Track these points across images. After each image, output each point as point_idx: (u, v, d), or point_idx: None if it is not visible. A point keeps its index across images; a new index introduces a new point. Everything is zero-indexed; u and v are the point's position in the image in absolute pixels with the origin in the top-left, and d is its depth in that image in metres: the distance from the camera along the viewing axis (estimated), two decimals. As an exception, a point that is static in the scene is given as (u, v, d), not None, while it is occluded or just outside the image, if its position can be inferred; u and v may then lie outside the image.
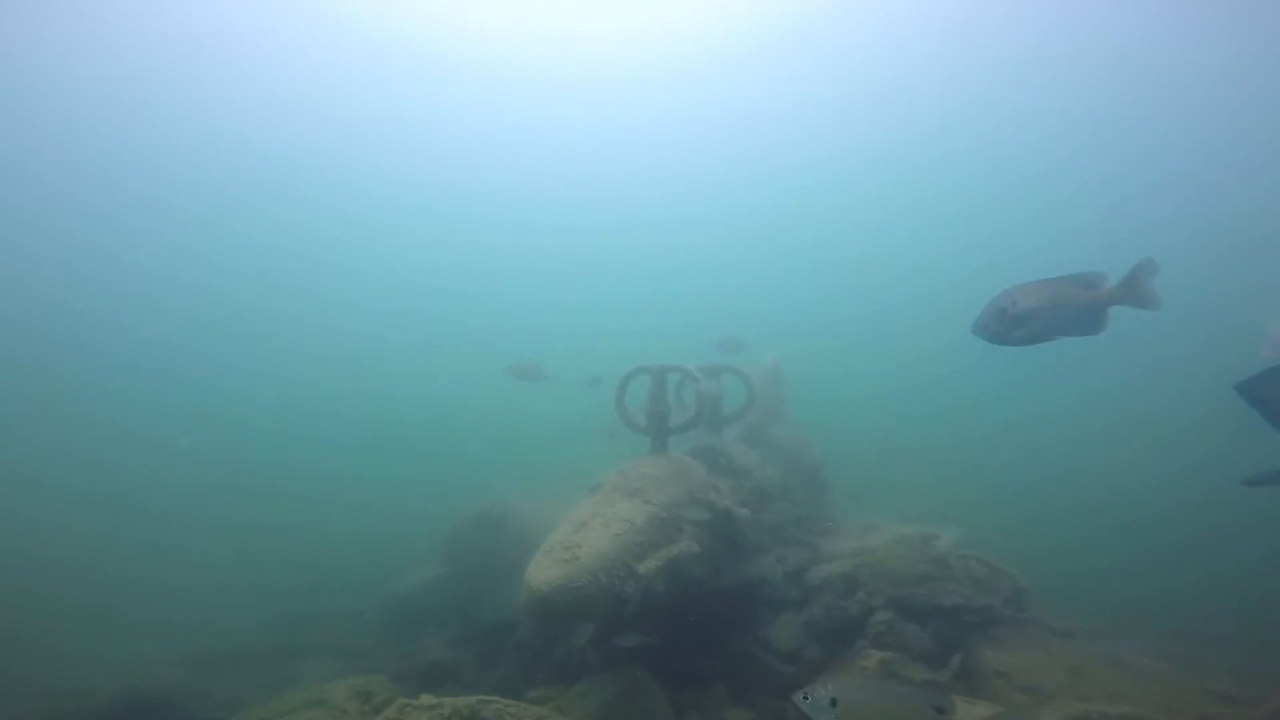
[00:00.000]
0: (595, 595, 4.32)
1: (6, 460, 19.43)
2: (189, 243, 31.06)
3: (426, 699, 3.66)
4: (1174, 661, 3.97)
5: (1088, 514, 11.54)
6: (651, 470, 5.13)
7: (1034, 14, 21.42)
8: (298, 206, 32.48)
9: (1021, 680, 3.73)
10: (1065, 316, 3.21)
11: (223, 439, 24.18)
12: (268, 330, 31.76)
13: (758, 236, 32.77)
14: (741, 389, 6.53)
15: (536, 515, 8.85)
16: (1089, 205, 26.61)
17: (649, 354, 5.70)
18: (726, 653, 5.14)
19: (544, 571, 4.42)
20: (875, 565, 4.82)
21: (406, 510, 14.56)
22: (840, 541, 6.08)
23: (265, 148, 29.80)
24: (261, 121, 28.34)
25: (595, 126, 30.69)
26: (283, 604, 11.44)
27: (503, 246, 34.94)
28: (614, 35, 25.19)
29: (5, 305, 27.81)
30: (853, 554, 5.10)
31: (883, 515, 7.38)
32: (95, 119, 27.09)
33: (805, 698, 2.22)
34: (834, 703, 2.12)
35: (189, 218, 30.59)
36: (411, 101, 29.11)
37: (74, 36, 23.38)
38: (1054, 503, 12.58)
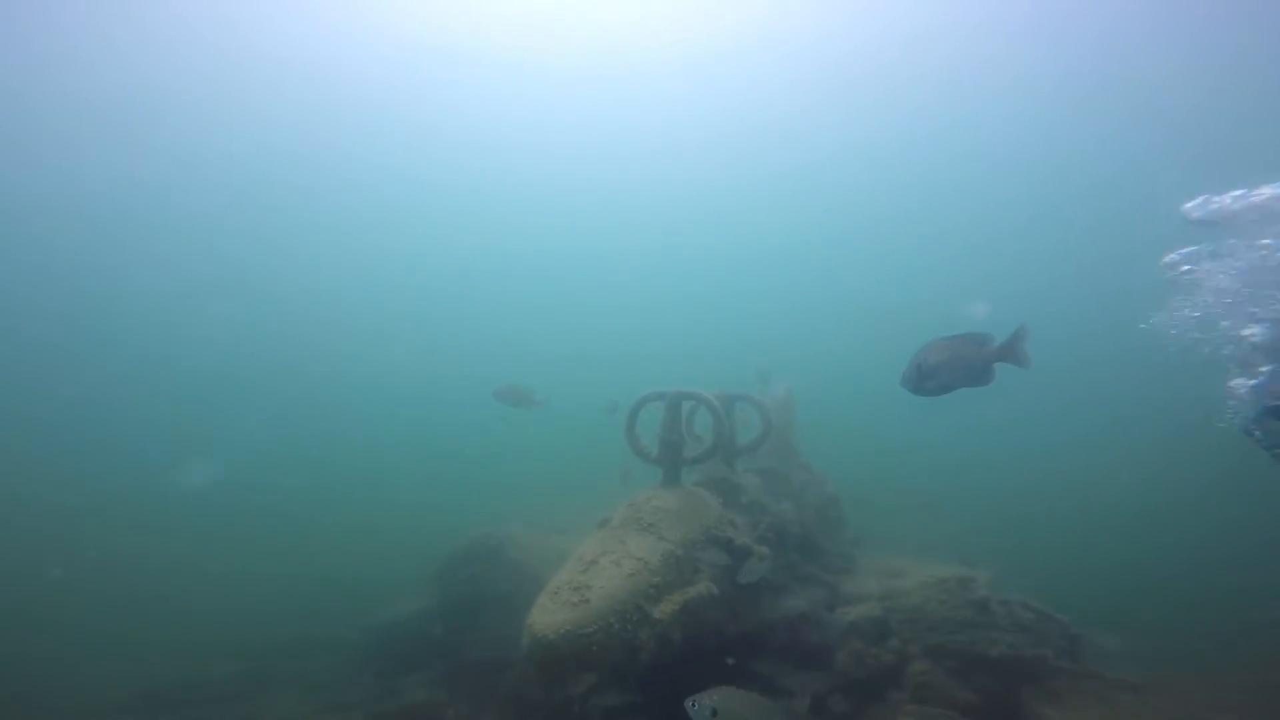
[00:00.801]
0: (606, 643, 3.90)
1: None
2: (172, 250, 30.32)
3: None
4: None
5: (1103, 547, 11.20)
6: (665, 504, 4.74)
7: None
8: (294, 207, 31.70)
9: (1092, 746, 3.33)
10: (963, 370, 3.70)
11: (209, 454, 23.41)
12: (261, 343, 30.98)
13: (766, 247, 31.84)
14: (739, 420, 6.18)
15: (535, 547, 8.39)
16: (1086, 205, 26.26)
17: (670, 379, 5.33)
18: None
19: (549, 615, 3.98)
20: (910, 609, 4.43)
21: (396, 535, 13.97)
22: (861, 581, 5.69)
23: (267, 146, 29.18)
24: (264, 118, 27.72)
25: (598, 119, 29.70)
26: (255, 629, 10.78)
27: (512, 260, 33.98)
28: (639, 25, 24.22)
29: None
30: (882, 596, 4.70)
31: (888, 554, 7.01)
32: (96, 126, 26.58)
33: (693, 704, 2.35)
34: (714, 713, 2.30)
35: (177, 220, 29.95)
36: (419, 98, 28.29)
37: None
38: (1064, 536, 12.23)
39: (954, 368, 3.71)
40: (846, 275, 31.35)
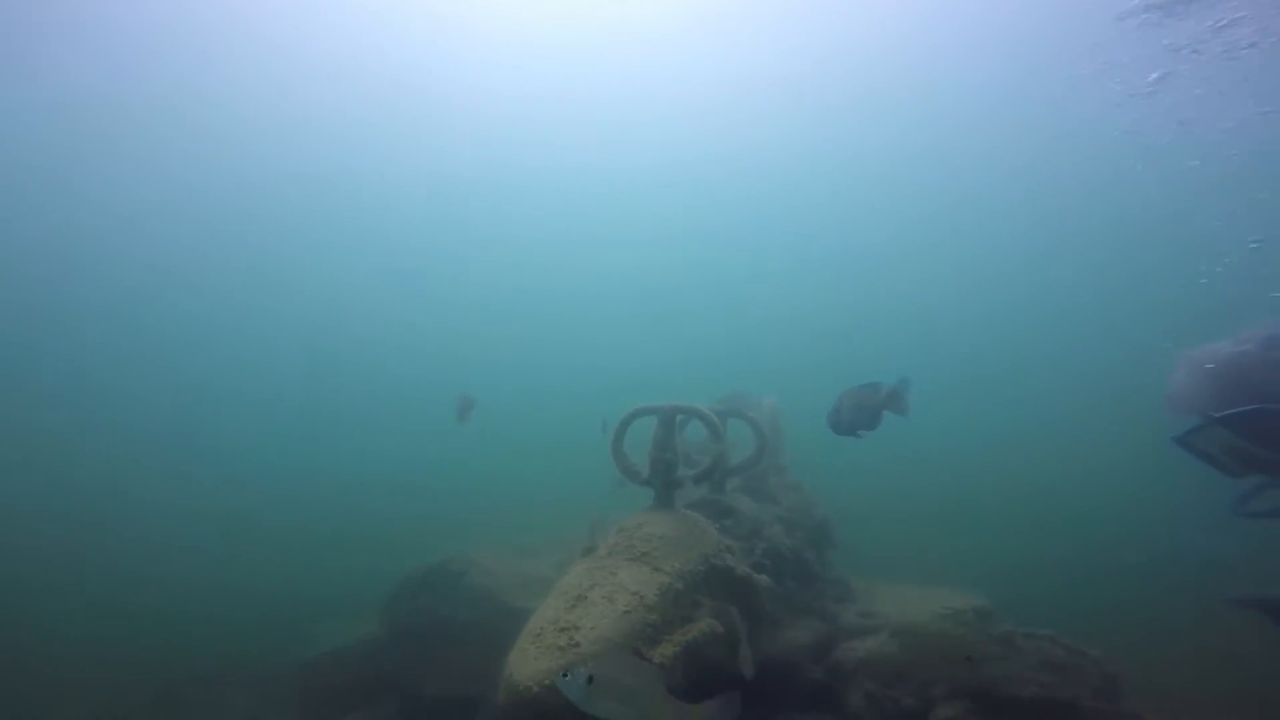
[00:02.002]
0: (599, 694, 3.38)
1: None
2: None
3: None
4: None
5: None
6: (659, 529, 4.25)
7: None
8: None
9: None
10: (862, 416, 4.25)
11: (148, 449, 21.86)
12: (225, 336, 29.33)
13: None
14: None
15: (502, 572, 7.77)
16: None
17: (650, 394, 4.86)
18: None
19: (532, 663, 3.43)
20: (929, 646, 4.05)
21: (347, 548, 12.97)
22: (860, 610, 5.31)
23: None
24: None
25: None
26: (165, 653, 9.69)
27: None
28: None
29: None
30: (897, 630, 4.32)
31: (866, 575, 6.70)
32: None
33: (565, 675, 2.31)
34: (591, 680, 2.25)
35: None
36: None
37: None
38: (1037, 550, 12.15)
39: (857, 413, 4.27)
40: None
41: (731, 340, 27.49)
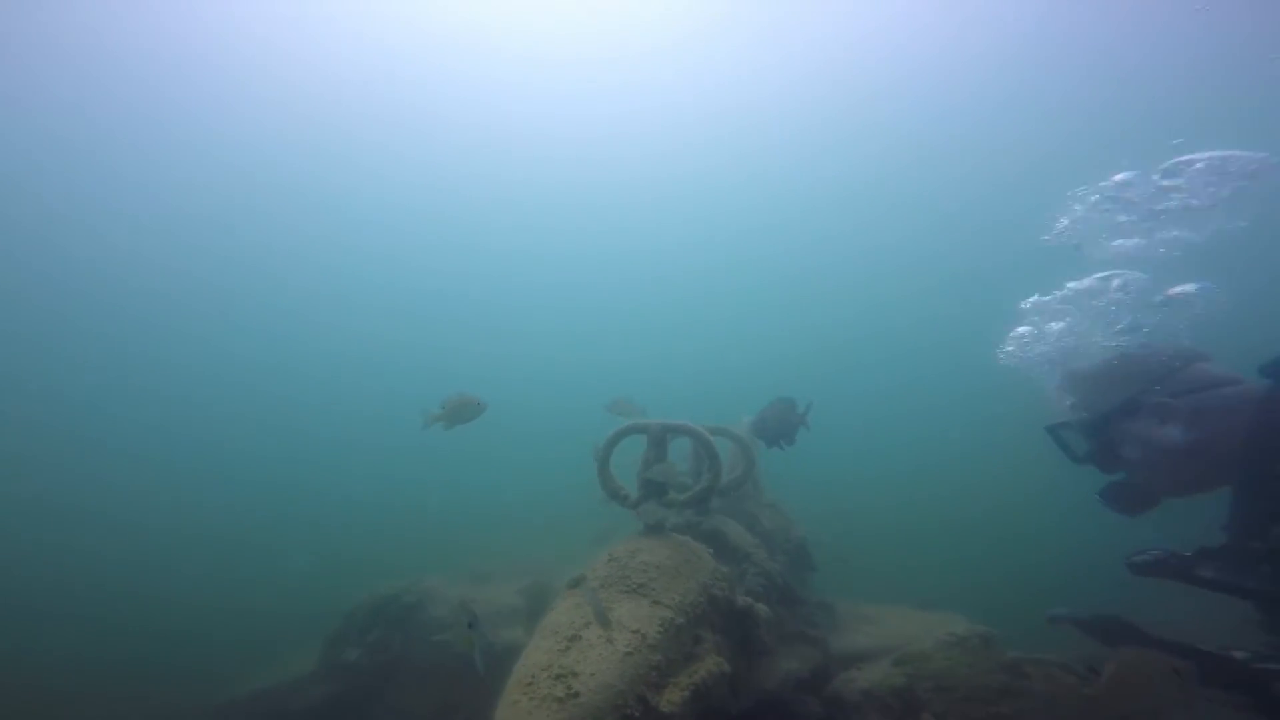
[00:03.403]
0: (604, 752, 3.01)
1: None
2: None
3: None
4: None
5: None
6: (654, 557, 3.93)
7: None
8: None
9: None
10: (781, 429, 4.75)
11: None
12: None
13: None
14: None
15: (457, 602, 7.21)
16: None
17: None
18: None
19: (527, 719, 3.04)
20: (938, 676, 3.86)
21: (287, 576, 11.97)
22: (850, 637, 5.13)
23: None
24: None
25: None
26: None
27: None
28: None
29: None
30: (901, 659, 4.12)
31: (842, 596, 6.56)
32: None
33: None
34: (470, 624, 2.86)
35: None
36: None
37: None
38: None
39: (779, 426, 4.71)
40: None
41: (700, 359, 27.76)
